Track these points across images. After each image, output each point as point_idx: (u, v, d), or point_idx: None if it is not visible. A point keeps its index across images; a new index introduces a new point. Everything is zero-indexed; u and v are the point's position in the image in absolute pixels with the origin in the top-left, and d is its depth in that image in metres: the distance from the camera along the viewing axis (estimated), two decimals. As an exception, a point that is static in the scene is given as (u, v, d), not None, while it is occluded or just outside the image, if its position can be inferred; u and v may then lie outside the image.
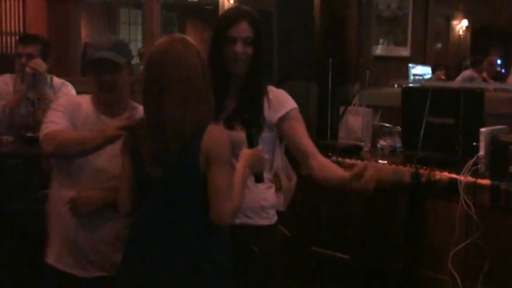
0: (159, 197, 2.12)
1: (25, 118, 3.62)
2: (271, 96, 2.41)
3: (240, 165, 2.13)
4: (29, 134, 3.40)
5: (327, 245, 4.20)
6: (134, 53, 9.35)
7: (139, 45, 9.89)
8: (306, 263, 4.16)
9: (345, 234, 4.13)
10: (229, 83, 2.37)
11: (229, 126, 2.32)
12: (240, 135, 2.27)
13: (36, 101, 3.69)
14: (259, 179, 2.23)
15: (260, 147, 2.18)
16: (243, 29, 2.30)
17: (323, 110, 4.07)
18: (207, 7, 9.60)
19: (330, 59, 3.85)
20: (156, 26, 7.56)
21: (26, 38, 3.90)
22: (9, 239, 3.31)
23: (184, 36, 2.20)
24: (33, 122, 3.56)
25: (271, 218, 2.45)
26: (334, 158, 3.46)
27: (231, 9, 2.48)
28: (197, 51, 2.12)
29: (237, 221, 2.26)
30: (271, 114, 2.39)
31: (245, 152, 2.16)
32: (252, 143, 2.17)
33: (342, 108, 3.92)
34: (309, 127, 4.36)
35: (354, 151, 3.62)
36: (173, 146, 2.03)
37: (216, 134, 2.07)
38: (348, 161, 3.44)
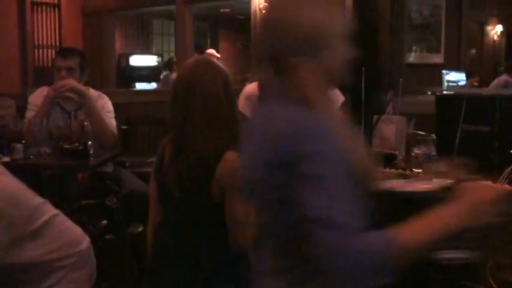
0: (177, 222, 2.16)
1: (62, 129, 3.66)
2: None
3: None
4: (66, 146, 3.44)
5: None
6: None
7: (172, 55, 10.00)
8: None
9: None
10: None
11: None
12: None
13: (73, 112, 3.74)
14: None
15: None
16: None
17: (356, 118, 4.05)
18: (239, 17, 9.65)
19: (363, 67, 3.82)
20: (188, 36, 7.64)
21: (65, 52, 3.92)
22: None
23: (209, 59, 2.24)
24: (70, 134, 3.61)
25: None
26: (368, 166, 3.46)
27: None
28: (221, 76, 2.14)
29: None
30: None
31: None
32: None
33: (375, 117, 3.90)
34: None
35: (388, 160, 3.60)
36: (195, 170, 2.05)
37: (231, 163, 2.05)
38: (382, 169, 3.42)
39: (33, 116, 3.56)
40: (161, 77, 8.72)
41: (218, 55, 8.49)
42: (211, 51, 8.48)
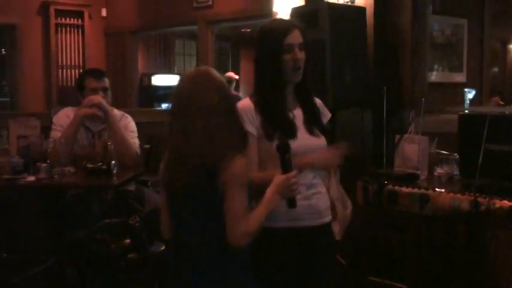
0: (184, 225, 2.24)
1: (86, 149, 3.71)
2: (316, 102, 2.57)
3: (269, 191, 2.20)
4: (89, 165, 3.48)
5: (384, 275, 4.14)
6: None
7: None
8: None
9: (402, 263, 4.06)
10: (285, 93, 2.45)
11: (312, 132, 2.45)
12: (321, 141, 2.47)
13: (96, 132, 3.78)
14: (291, 204, 2.26)
15: (293, 172, 2.22)
16: (297, 36, 2.41)
17: (378, 138, 4.04)
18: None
19: (384, 87, 3.83)
20: (210, 56, 7.70)
21: (97, 73, 3.92)
22: (72, 267, 3.38)
23: (208, 69, 2.28)
24: (94, 153, 3.65)
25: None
26: (390, 186, 3.44)
27: (276, 22, 2.60)
28: (219, 85, 2.22)
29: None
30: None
31: (277, 178, 2.22)
32: (285, 168, 2.21)
33: (397, 137, 3.89)
34: (364, 155, 4.37)
35: (410, 179, 3.58)
36: (196, 179, 2.14)
37: (238, 166, 2.15)
38: (404, 189, 3.41)
39: (60, 136, 3.60)
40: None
41: (236, 77, 8.55)
42: (231, 74, 8.55)
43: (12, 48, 7.79)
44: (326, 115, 2.60)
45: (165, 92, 8.88)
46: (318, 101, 2.58)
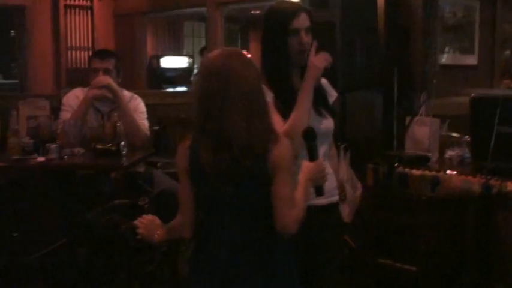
0: (226, 212, 2.10)
1: (95, 130, 3.71)
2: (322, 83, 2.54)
3: (302, 177, 2.13)
4: (99, 146, 3.48)
5: (395, 257, 4.12)
6: (197, 65, 9.48)
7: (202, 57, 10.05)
8: (372, 275, 4.10)
9: (413, 246, 4.05)
10: (292, 76, 2.43)
11: (320, 114, 2.43)
12: (329, 122, 2.46)
13: (106, 113, 3.78)
14: (320, 192, 2.23)
15: (321, 160, 2.19)
16: (304, 19, 2.38)
17: (389, 120, 4.02)
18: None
19: (395, 68, 3.80)
20: (219, 38, 7.65)
21: (102, 53, 3.96)
22: (82, 247, 3.39)
23: (239, 50, 2.23)
24: (103, 134, 3.65)
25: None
26: (401, 168, 3.43)
27: (283, 4, 2.51)
28: (254, 65, 2.13)
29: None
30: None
31: (306, 165, 2.16)
32: (313, 156, 2.17)
33: (408, 119, 3.86)
34: (374, 137, 4.35)
35: (421, 162, 3.56)
36: (243, 163, 2.01)
37: (284, 146, 2.06)
38: (415, 172, 3.39)
39: (69, 117, 3.60)
40: (192, 78, 8.76)
41: (249, 55, 8.50)
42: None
43: (22, 29, 7.77)
44: (332, 95, 2.58)
45: (174, 74, 8.86)
46: (323, 81, 2.55)
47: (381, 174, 3.55)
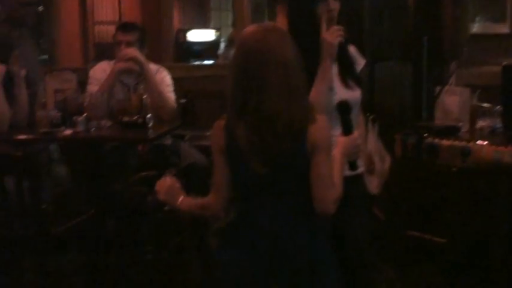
0: (264, 192, 2.05)
1: (122, 103, 3.71)
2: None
3: (337, 152, 2.08)
4: (125, 119, 3.48)
5: (424, 229, 4.09)
6: (224, 38, 9.42)
7: (229, 30, 9.97)
8: (401, 247, 4.08)
9: (442, 218, 4.01)
10: (319, 45, 2.35)
11: (347, 85, 2.41)
12: (356, 93, 2.44)
13: (132, 86, 3.78)
14: (353, 166, 2.19)
15: (356, 134, 2.14)
16: None
17: (418, 90, 3.96)
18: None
19: (425, 37, 3.72)
20: (246, 12, 7.59)
21: (125, 26, 3.95)
22: (110, 218, 3.42)
23: (276, 25, 2.14)
24: (129, 107, 3.65)
25: None
26: (430, 139, 3.37)
27: None
28: (291, 41, 2.05)
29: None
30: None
31: (341, 139, 2.12)
32: (347, 130, 2.13)
33: (437, 88, 3.79)
34: (403, 108, 4.29)
35: (451, 132, 3.50)
36: (284, 142, 1.96)
37: (322, 124, 2.00)
38: (444, 142, 3.34)
39: (96, 90, 3.61)
40: (219, 52, 8.72)
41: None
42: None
43: (49, 5, 7.80)
44: (360, 63, 2.54)
45: (200, 48, 8.82)
46: (352, 48, 2.51)
47: (409, 145, 3.50)
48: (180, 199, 2.16)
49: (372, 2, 4.11)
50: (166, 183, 2.18)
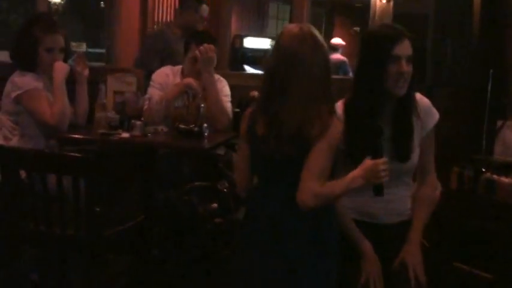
0: (274, 176, 2.18)
1: (180, 110, 3.72)
2: (419, 107, 2.36)
3: (355, 172, 2.08)
4: (182, 126, 3.49)
5: (470, 262, 4.00)
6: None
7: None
8: (446, 278, 4.00)
9: (491, 252, 3.92)
10: (385, 105, 2.31)
11: (396, 155, 2.30)
12: (405, 166, 2.35)
13: (191, 94, 3.78)
14: (378, 192, 2.14)
15: (383, 159, 2.08)
16: (407, 47, 2.25)
17: (477, 122, 3.88)
18: (357, 5, 9.50)
19: (491, 70, 3.65)
20: (304, 21, 7.58)
21: (202, 39, 3.80)
22: (160, 225, 3.44)
23: (313, 30, 2.16)
24: (187, 115, 3.66)
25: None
26: (488, 174, 3.30)
27: (387, 28, 2.38)
28: (325, 50, 2.15)
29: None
30: (418, 128, 2.36)
31: (366, 161, 2.08)
32: (375, 153, 2.09)
33: (499, 122, 3.72)
34: (460, 138, 4.21)
35: (510, 169, 3.42)
36: (289, 147, 2.08)
37: (335, 127, 2.09)
38: (503, 179, 3.26)
39: (159, 98, 3.61)
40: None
41: (344, 43, 8.42)
42: (338, 41, 8.42)
43: (111, 2, 7.93)
44: (431, 120, 2.40)
45: (255, 55, 8.85)
46: (424, 102, 2.40)
47: (466, 179, 3.44)
48: None
49: (437, 28, 4.06)
50: None
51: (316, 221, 2.15)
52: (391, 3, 5.38)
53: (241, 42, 8.80)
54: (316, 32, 2.17)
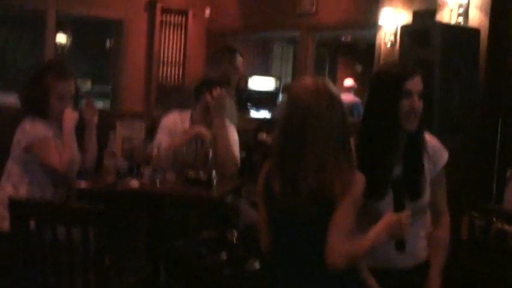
0: (291, 236, 2.11)
1: (188, 156, 3.70)
2: (428, 146, 2.36)
3: (378, 227, 2.04)
4: (190, 174, 3.48)
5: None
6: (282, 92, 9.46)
7: (288, 80, 10.04)
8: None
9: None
10: (399, 140, 2.29)
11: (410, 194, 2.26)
12: (419, 204, 2.31)
13: (199, 140, 3.76)
14: (400, 246, 2.12)
15: (406, 213, 2.06)
16: (418, 83, 2.26)
17: (486, 170, 3.86)
18: (360, 47, 9.57)
19: (500, 118, 3.65)
20: (309, 62, 7.64)
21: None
22: (169, 276, 3.40)
23: (328, 84, 2.12)
24: (195, 161, 3.66)
25: None
26: (498, 224, 3.27)
27: (398, 65, 2.45)
28: (341, 104, 2.08)
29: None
30: (429, 167, 2.35)
31: (388, 216, 2.06)
32: (398, 207, 2.07)
33: (509, 171, 3.70)
34: (468, 185, 4.18)
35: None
36: (308, 208, 2.02)
37: (357, 183, 2.03)
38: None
39: (168, 146, 3.60)
40: (278, 102, 8.75)
41: (355, 84, 8.46)
42: (351, 82, 8.46)
43: (118, 41, 8.01)
44: (441, 159, 2.40)
45: (259, 96, 8.87)
46: (433, 141, 2.41)
47: (477, 228, 3.41)
48: None
49: (443, 75, 4.05)
50: None
51: (341, 280, 2.09)
52: (397, 47, 5.41)
53: (246, 82, 8.82)
54: (332, 86, 2.12)
